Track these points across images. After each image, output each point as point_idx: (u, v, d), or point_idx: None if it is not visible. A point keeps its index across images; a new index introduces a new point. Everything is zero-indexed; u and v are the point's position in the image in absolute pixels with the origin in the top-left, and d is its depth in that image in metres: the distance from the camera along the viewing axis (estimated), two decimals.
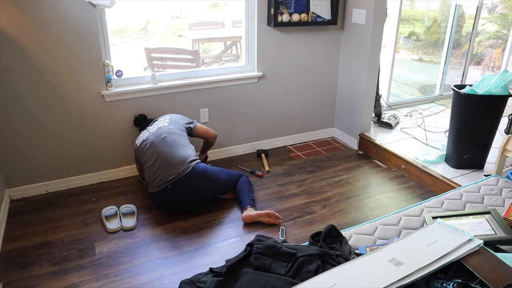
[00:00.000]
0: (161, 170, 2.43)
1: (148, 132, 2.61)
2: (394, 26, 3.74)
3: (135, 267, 2.11)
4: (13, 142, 2.59)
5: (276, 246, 1.51)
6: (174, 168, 2.42)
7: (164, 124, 2.62)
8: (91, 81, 2.68)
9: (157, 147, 2.48)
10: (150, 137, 2.54)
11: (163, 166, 2.44)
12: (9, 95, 2.49)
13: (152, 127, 2.65)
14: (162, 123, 2.64)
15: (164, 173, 2.42)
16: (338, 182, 2.97)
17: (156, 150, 2.47)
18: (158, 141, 2.50)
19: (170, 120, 2.67)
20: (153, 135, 2.54)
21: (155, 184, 2.46)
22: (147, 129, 2.65)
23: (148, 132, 2.60)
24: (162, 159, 2.45)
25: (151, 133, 2.57)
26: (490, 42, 6.00)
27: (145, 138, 2.56)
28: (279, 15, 3.06)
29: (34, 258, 2.16)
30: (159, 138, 2.51)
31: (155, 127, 2.61)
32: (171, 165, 2.43)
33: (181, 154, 2.47)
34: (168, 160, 2.44)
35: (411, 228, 1.87)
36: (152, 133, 2.56)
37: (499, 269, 1.29)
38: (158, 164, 2.44)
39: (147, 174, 2.51)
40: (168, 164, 2.43)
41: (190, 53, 4.19)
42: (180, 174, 2.41)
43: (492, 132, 2.77)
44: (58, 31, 2.49)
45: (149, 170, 2.48)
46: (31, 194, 2.75)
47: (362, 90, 3.34)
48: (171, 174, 2.41)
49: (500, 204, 2.07)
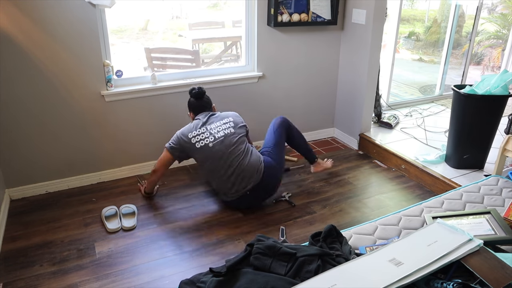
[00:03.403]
0: (239, 181, 2.47)
1: (210, 135, 2.49)
2: (394, 26, 3.74)
3: (135, 267, 2.11)
4: (13, 142, 2.59)
5: (276, 246, 1.51)
6: (251, 178, 2.47)
7: (230, 131, 2.53)
8: (91, 81, 2.68)
9: (231, 159, 2.46)
10: (218, 147, 2.46)
11: (240, 177, 2.46)
12: (9, 95, 2.49)
13: (213, 127, 2.53)
14: (227, 128, 2.54)
15: (241, 184, 2.47)
16: (338, 182, 2.97)
17: (231, 164, 2.45)
18: (230, 153, 2.46)
19: (234, 124, 2.58)
20: (221, 145, 2.46)
21: (231, 193, 2.51)
22: (206, 127, 2.52)
23: (211, 137, 2.48)
24: (239, 171, 2.45)
25: (217, 141, 2.47)
26: (490, 42, 6.00)
27: (211, 146, 2.46)
28: (279, 15, 3.06)
29: (34, 258, 2.16)
30: (231, 148, 2.47)
31: (220, 132, 2.51)
32: (249, 176, 2.47)
33: (253, 162, 2.49)
34: (245, 172, 2.46)
35: (411, 228, 1.87)
36: (218, 142, 2.47)
37: (499, 269, 1.29)
38: (235, 176, 2.46)
39: (218, 184, 2.53)
40: (245, 175, 2.46)
41: (190, 53, 4.19)
42: (257, 181, 2.47)
43: (492, 132, 2.77)
44: (58, 31, 2.49)
45: (222, 179, 2.48)
46: (31, 194, 2.75)
47: (362, 90, 3.34)
48: (248, 183, 2.47)
49: (500, 204, 2.07)
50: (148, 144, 3.02)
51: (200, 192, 2.82)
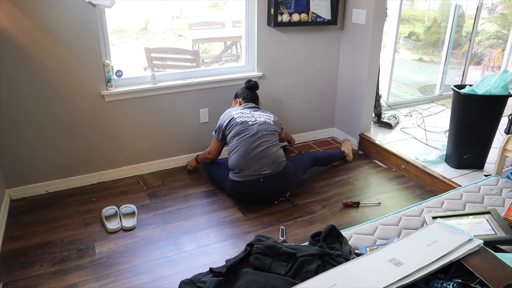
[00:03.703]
0: (258, 162, 2.54)
1: (252, 116, 2.68)
2: (394, 26, 3.74)
3: (135, 267, 2.11)
4: (13, 142, 2.59)
5: (276, 246, 1.51)
6: (270, 165, 2.55)
7: (270, 122, 2.71)
8: (91, 81, 2.68)
9: (261, 140, 2.58)
10: (255, 126, 2.62)
11: (261, 160, 2.55)
12: (9, 95, 2.49)
13: (256, 114, 2.72)
14: (268, 119, 2.72)
15: (260, 166, 2.54)
16: (338, 182, 2.97)
17: (259, 144, 2.57)
18: (263, 135, 2.60)
19: (274, 120, 2.77)
20: (260, 126, 2.63)
21: (245, 172, 2.55)
22: (251, 112, 2.72)
23: (253, 117, 2.67)
24: (263, 153, 2.56)
25: (257, 122, 2.65)
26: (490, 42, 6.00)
27: (250, 123, 2.63)
28: (279, 15, 3.06)
29: (34, 258, 2.16)
30: (265, 132, 2.62)
31: (262, 118, 2.69)
32: (269, 162, 2.55)
33: (279, 154, 2.63)
34: (267, 156, 2.56)
35: (411, 228, 1.87)
36: (258, 123, 2.64)
37: (499, 269, 1.29)
38: (256, 155, 2.55)
39: (237, 159, 2.58)
40: (267, 160, 2.55)
41: (190, 53, 4.19)
42: (275, 171, 2.56)
43: (492, 132, 2.77)
44: (58, 31, 2.49)
45: (243, 156, 2.56)
46: (31, 194, 2.75)
47: (362, 90, 3.34)
48: (266, 169, 2.54)
49: (500, 204, 2.07)
50: (148, 144, 3.02)
51: (200, 192, 2.82)
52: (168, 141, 3.09)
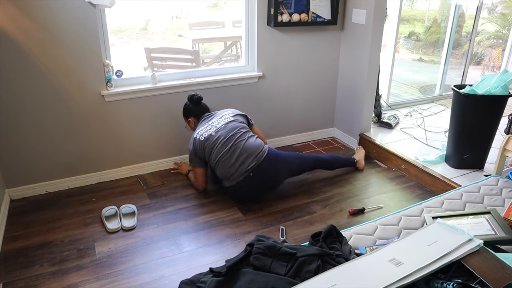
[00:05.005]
0: (241, 161, 2.55)
1: (212, 127, 2.66)
2: (394, 26, 3.74)
3: (135, 267, 2.11)
4: (13, 142, 2.59)
5: (276, 246, 1.51)
6: (253, 157, 2.56)
7: (230, 119, 2.71)
8: (91, 81, 2.68)
9: (231, 140, 2.58)
10: (220, 133, 2.61)
11: (242, 157, 2.55)
12: (9, 95, 2.49)
13: (214, 121, 2.70)
14: (227, 118, 2.71)
15: (245, 163, 2.55)
16: (338, 182, 2.97)
17: (231, 144, 2.57)
18: (231, 135, 2.60)
19: (232, 114, 2.77)
20: (224, 130, 2.62)
21: (235, 175, 2.56)
22: (209, 123, 2.69)
23: (213, 127, 2.65)
24: (241, 151, 2.56)
25: (220, 128, 2.63)
26: (490, 42, 6.00)
27: (214, 134, 2.61)
28: (279, 15, 3.06)
29: (34, 258, 2.16)
30: (232, 132, 2.62)
31: (221, 122, 2.68)
32: (250, 154, 2.56)
33: (256, 143, 2.63)
34: (246, 150, 2.57)
35: (411, 228, 1.87)
36: (221, 128, 2.63)
37: (499, 269, 1.29)
38: (237, 156, 2.55)
39: (222, 169, 2.58)
40: (248, 154, 2.56)
41: (190, 53, 4.19)
42: (259, 160, 2.56)
43: (492, 132, 2.77)
44: (58, 31, 2.49)
45: (225, 164, 2.56)
46: (31, 194, 2.75)
47: (362, 90, 3.34)
48: (251, 162, 2.55)
49: (500, 204, 2.07)
50: (148, 144, 3.02)
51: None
52: (168, 141, 3.09)
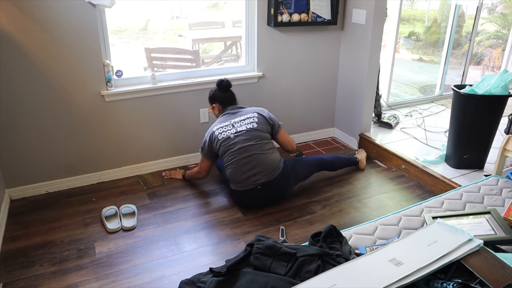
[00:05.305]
0: (252, 173, 2.50)
1: (233, 128, 2.56)
2: (394, 26, 3.74)
3: (135, 267, 2.11)
4: (13, 142, 2.59)
5: (276, 246, 1.51)
6: (265, 173, 2.51)
7: (254, 126, 2.58)
8: (91, 81, 2.68)
9: (248, 151, 2.51)
10: (239, 138, 2.52)
11: (255, 170, 2.50)
12: (9, 95, 2.49)
13: (237, 121, 2.59)
14: (250, 123, 2.58)
15: (255, 176, 2.51)
16: (338, 182, 2.97)
17: (249, 155, 2.50)
18: (250, 146, 2.51)
19: (257, 120, 2.62)
20: (242, 136, 2.52)
21: (243, 183, 2.53)
22: (230, 121, 2.59)
23: (233, 129, 2.55)
24: (256, 163, 2.50)
25: (239, 133, 2.53)
26: (490, 42, 6.00)
27: (232, 137, 2.53)
28: (279, 15, 3.06)
29: (34, 258, 2.16)
30: (252, 142, 2.52)
31: (242, 126, 2.56)
32: (263, 170, 2.51)
33: (272, 159, 2.55)
34: (260, 165, 2.51)
35: (411, 228, 1.87)
36: (241, 134, 2.53)
37: (499, 269, 1.29)
38: (249, 167, 2.50)
39: (232, 173, 2.54)
40: (261, 169, 2.51)
41: (190, 53, 4.19)
42: (271, 178, 2.52)
43: (492, 132, 2.77)
44: (58, 31, 2.49)
45: (236, 170, 2.52)
46: (31, 194, 2.75)
47: (362, 90, 3.34)
48: (261, 178, 2.51)
49: (500, 204, 2.07)
50: (148, 144, 3.02)
51: (200, 192, 2.82)
52: (168, 141, 3.09)
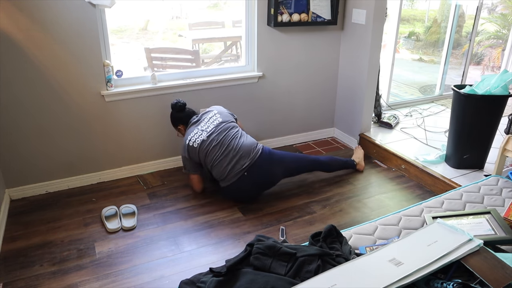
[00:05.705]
0: (234, 161, 2.56)
1: (203, 131, 2.63)
2: (394, 26, 3.74)
3: (135, 267, 2.11)
4: (13, 142, 2.59)
5: (276, 246, 1.51)
6: (246, 156, 2.57)
7: (219, 120, 2.69)
8: (91, 81, 2.68)
9: (225, 142, 2.59)
10: (213, 137, 2.60)
11: (236, 158, 2.56)
12: (9, 96, 2.49)
13: (203, 125, 2.67)
14: (215, 120, 2.69)
15: (238, 163, 2.56)
16: (338, 182, 2.97)
17: (225, 146, 2.58)
18: (223, 137, 2.61)
19: (219, 115, 2.74)
20: (215, 133, 2.62)
21: (230, 175, 2.56)
22: (198, 128, 2.66)
23: (204, 132, 2.63)
24: (234, 151, 2.57)
25: (210, 132, 2.62)
26: (490, 42, 6.00)
27: (206, 139, 2.60)
28: (279, 15, 3.06)
29: (34, 258, 2.16)
30: (224, 133, 2.63)
31: (210, 126, 2.66)
32: (243, 154, 2.57)
33: (247, 142, 2.64)
34: (239, 151, 2.58)
35: (411, 228, 1.87)
36: (211, 132, 2.62)
37: (499, 269, 1.29)
38: (231, 157, 2.56)
39: (217, 171, 2.59)
40: (240, 154, 2.57)
41: (190, 53, 4.19)
42: (253, 159, 2.57)
43: (492, 132, 2.77)
44: (58, 31, 2.49)
45: (220, 165, 2.57)
46: (31, 194, 2.75)
47: (362, 90, 3.34)
48: (244, 162, 2.56)
49: (500, 204, 2.07)
50: (148, 144, 3.02)
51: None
52: (168, 141, 3.09)
